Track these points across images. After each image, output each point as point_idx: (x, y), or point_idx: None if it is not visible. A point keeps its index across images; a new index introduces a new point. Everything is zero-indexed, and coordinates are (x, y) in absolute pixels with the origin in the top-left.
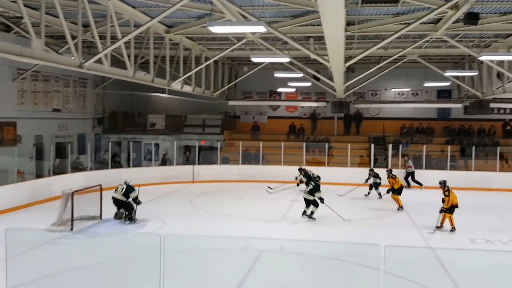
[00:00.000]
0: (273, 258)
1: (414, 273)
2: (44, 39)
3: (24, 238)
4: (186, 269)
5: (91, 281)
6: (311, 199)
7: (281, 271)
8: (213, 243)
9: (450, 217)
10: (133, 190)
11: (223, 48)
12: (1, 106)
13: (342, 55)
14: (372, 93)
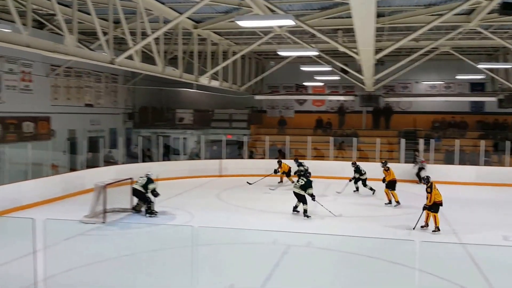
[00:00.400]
0: (300, 253)
1: (447, 270)
2: (76, 35)
3: (59, 229)
4: (215, 261)
5: (124, 272)
6: (302, 194)
7: (308, 266)
8: (241, 237)
9: (435, 216)
10: (152, 182)
11: (250, 43)
12: (35, 102)
13: (372, 48)
14: (403, 86)
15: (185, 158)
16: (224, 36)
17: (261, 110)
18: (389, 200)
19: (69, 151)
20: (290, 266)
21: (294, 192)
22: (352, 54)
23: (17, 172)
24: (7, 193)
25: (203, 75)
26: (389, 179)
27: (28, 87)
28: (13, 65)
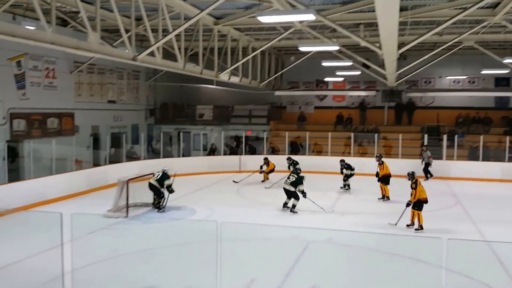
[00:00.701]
0: (321, 249)
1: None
2: (99, 32)
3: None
4: (237, 256)
5: (147, 265)
6: (292, 190)
7: (329, 263)
8: (261, 232)
9: (419, 214)
10: (168, 178)
11: (270, 38)
12: (59, 98)
13: (395, 42)
14: (426, 81)
15: (205, 153)
16: (244, 32)
17: (280, 106)
18: (383, 196)
19: (92, 147)
20: (311, 262)
21: (284, 188)
22: (374, 48)
23: (42, 167)
24: (33, 188)
25: (223, 71)
26: (383, 174)
27: (52, 84)
28: (37, 62)
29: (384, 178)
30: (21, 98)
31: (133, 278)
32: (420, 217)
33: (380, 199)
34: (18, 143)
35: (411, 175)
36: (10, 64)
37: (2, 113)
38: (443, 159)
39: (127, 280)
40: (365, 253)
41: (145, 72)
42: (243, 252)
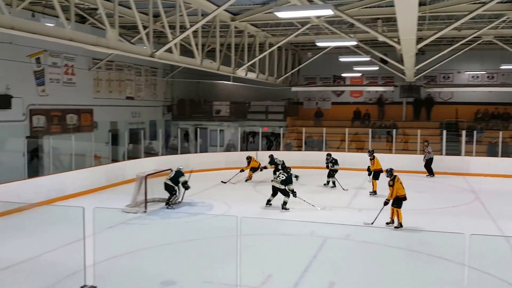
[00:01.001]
0: (338, 246)
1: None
2: (118, 29)
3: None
4: (254, 251)
5: (166, 260)
6: (282, 188)
7: (346, 259)
8: (279, 228)
9: (398, 212)
10: (183, 175)
11: (287, 34)
12: (78, 94)
13: (414, 36)
14: (444, 76)
15: (222, 149)
16: (261, 28)
17: (297, 102)
18: (374, 191)
19: (111, 143)
20: (328, 259)
21: (274, 186)
22: (392, 43)
23: (62, 163)
24: (53, 184)
25: (240, 67)
26: (374, 169)
27: (71, 80)
28: (56, 59)
29: (375, 173)
30: (41, 94)
31: (152, 272)
32: (400, 215)
33: (372, 194)
34: (37, 139)
35: (389, 171)
36: (29, 61)
37: (22, 109)
38: (462, 155)
39: (147, 274)
40: (383, 250)
41: (163, 69)
42: (260, 247)
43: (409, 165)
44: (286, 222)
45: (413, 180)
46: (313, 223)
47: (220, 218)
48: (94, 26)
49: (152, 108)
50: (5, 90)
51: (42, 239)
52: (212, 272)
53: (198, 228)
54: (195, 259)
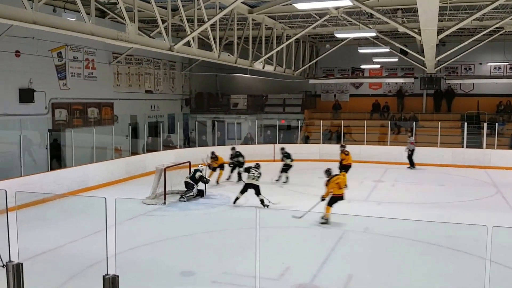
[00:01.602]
0: (357, 239)
1: None
2: (137, 23)
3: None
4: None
5: (185, 251)
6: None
7: (365, 252)
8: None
9: (328, 208)
10: (200, 171)
11: (305, 26)
12: (99, 88)
13: (435, 27)
14: (466, 68)
15: (240, 142)
16: (279, 20)
17: (315, 94)
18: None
19: (130, 136)
20: (346, 251)
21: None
22: (413, 34)
23: (83, 156)
24: (75, 176)
25: (258, 60)
26: (346, 163)
27: (92, 74)
28: (77, 53)
29: (346, 167)
30: (62, 88)
31: (172, 262)
32: (328, 211)
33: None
34: (60, 132)
35: (327, 172)
36: (51, 55)
37: (45, 103)
38: (483, 147)
39: (166, 264)
40: (402, 243)
41: (181, 62)
42: (278, 239)
43: (429, 158)
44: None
45: (434, 173)
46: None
47: (239, 210)
48: (114, 20)
49: (170, 101)
50: (28, 84)
51: (65, 229)
52: (231, 264)
53: (217, 220)
54: (214, 250)
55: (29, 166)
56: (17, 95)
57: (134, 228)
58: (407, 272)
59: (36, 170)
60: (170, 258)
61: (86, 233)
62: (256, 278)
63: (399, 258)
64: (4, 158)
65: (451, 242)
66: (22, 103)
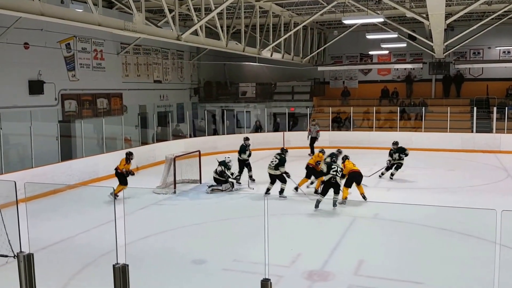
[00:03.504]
0: (367, 225)
1: None
2: (144, 13)
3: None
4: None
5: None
6: (278, 174)
7: (376, 238)
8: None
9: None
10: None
11: (312, 13)
12: (108, 79)
13: (443, 12)
14: (474, 52)
15: (249, 131)
16: (286, 7)
17: (323, 81)
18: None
19: (140, 126)
20: (357, 238)
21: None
22: (421, 19)
23: (93, 146)
24: (86, 166)
25: (265, 48)
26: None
27: (100, 65)
28: (85, 44)
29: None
30: (72, 79)
31: (182, 251)
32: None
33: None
34: (70, 123)
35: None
36: (60, 47)
37: (54, 94)
38: (493, 132)
39: (177, 253)
40: (412, 228)
41: (189, 52)
42: (288, 227)
43: (438, 143)
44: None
45: (444, 158)
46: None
47: (248, 198)
48: (121, 11)
49: (179, 91)
50: (38, 76)
51: (76, 220)
52: (241, 251)
53: (227, 208)
54: (225, 238)
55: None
56: (26, 87)
57: (145, 217)
58: (418, 257)
59: (47, 161)
60: (181, 247)
61: (96, 223)
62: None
63: (409, 243)
64: (15, 149)
65: (461, 227)
66: (32, 95)
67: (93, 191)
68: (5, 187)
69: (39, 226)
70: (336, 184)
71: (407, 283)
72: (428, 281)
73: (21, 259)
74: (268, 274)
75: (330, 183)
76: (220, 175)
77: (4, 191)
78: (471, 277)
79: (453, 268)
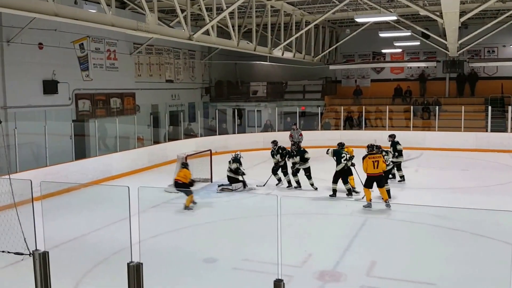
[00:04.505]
0: (380, 225)
1: None
2: (157, 13)
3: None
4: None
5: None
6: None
7: (388, 239)
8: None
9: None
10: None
11: (324, 11)
12: (121, 79)
13: (457, 9)
14: (489, 51)
15: (260, 130)
16: (297, 6)
17: (335, 80)
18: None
19: (152, 125)
20: (369, 238)
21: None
22: (434, 17)
23: (107, 145)
24: (99, 165)
25: (277, 47)
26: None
27: (113, 65)
28: (99, 44)
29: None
30: (85, 79)
31: (194, 249)
32: (367, 194)
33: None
34: (83, 123)
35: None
36: (73, 47)
37: (68, 94)
38: (508, 131)
39: (189, 251)
40: (426, 229)
41: (200, 51)
42: (300, 227)
43: (452, 143)
44: (326, 202)
45: (457, 158)
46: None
47: (260, 198)
48: (134, 11)
49: (190, 90)
50: (52, 75)
51: (89, 218)
52: (252, 251)
53: (238, 208)
54: (236, 237)
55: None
56: (41, 86)
57: (157, 216)
58: (431, 258)
59: (61, 160)
60: (192, 245)
61: (110, 221)
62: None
63: (422, 244)
64: (30, 148)
65: (475, 228)
66: (46, 94)
67: (106, 189)
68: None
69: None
70: (349, 170)
71: (419, 284)
72: (441, 282)
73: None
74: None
75: (344, 170)
76: (235, 173)
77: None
78: (485, 279)
79: (466, 269)
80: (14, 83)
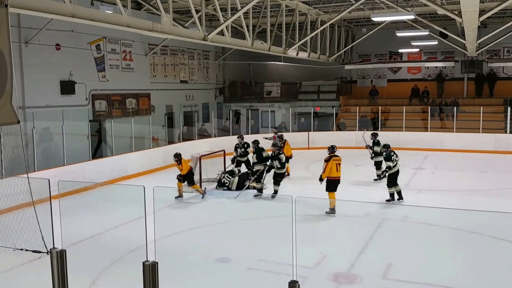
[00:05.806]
0: (396, 227)
1: None
2: (172, 14)
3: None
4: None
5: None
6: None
7: (404, 241)
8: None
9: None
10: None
11: (340, 10)
12: (136, 79)
13: (476, 8)
14: (508, 50)
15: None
16: (313, 5)
17: (351, 80)
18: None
19: (166, 125)
20: (385, 240)
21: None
22: (453, 16)
23: (123, 145)
24: (115, 164)
25: (291, 47)
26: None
27: (129, 66)
28: (115, 45)
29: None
30: (102, 80)
31: (208, 249)
32: (333, 197)
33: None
34: (100, 123)
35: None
36: (90, 48)
37: (85, 94)
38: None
39: (203, 251)
40: (443, 231)
41: (215, 52)
42: (315, 227)
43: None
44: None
45: (476, 160)
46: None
47: (275, 198)
48: (149, 12)
49: (205, 91)
50: (69, 76)
51: (106, 216)
52: (267, 251)
53: (253, 208)
54: (250, 238)
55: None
56: (58, 87)
57: (172, 215)
58: (448, 261)
59: (79, 159)
60: (206, 245)
61: (126, 220)
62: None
63: (439, 247)
64: (48, 148)
65: (493, 231)
66: (63, 94)
67: (122, 189)
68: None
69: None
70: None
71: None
72: (458, 285)
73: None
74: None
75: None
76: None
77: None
78: (502, 282)
79: (484, 273)
80: (32, 83)
